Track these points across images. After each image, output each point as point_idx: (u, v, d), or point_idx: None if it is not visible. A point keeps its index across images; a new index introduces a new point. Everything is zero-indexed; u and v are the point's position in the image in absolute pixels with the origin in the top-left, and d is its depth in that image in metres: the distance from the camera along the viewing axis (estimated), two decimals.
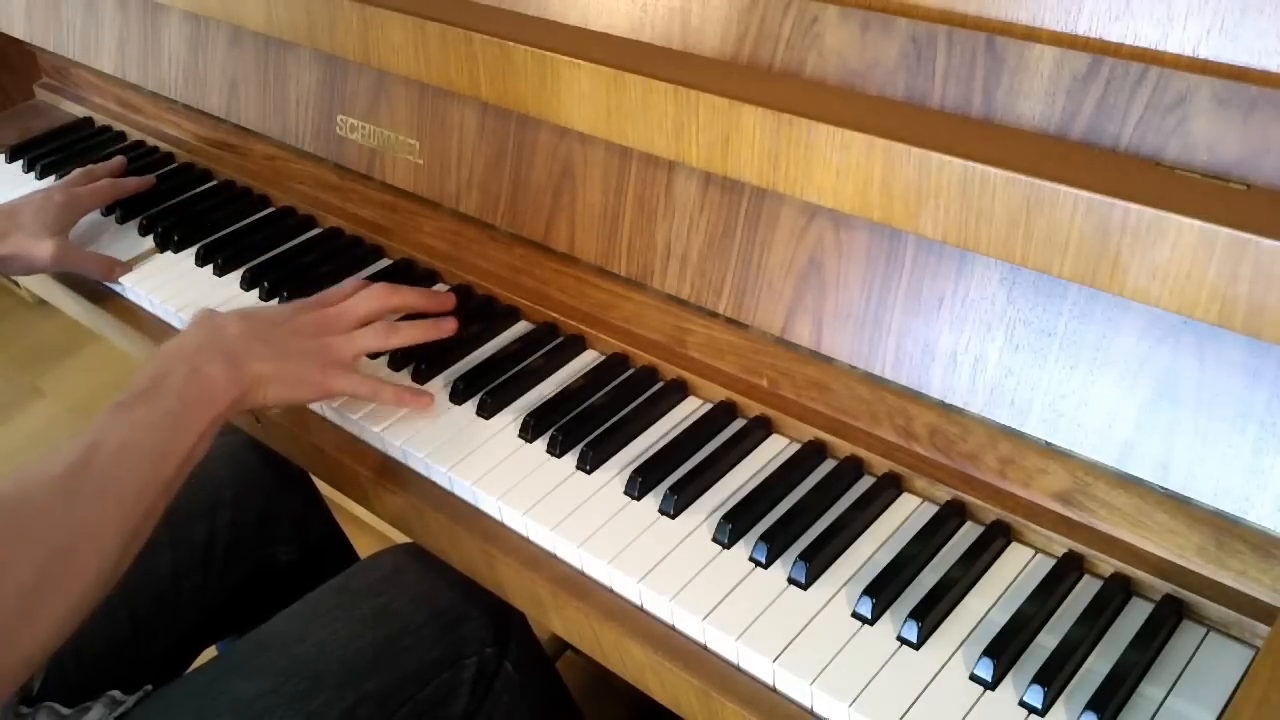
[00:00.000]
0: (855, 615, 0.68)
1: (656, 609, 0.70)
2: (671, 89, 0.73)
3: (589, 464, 0.79)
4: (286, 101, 1.11)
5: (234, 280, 1.04)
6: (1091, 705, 0.60)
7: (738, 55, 0.77)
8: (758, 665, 0.66)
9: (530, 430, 0.82)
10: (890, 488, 0.76)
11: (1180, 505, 0.66)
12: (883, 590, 0.68)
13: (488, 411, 0.85)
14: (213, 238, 1.10)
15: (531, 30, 0.83)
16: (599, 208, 0.88)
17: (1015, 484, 0.72)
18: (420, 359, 0.89)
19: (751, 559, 0.72)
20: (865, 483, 0.77)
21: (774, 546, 0.71)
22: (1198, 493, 0.64)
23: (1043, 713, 0.61)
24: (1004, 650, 0.64)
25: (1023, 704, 0.62)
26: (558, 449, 0.81)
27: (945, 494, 0.74)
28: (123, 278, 1.06)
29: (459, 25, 0.84)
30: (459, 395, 0.87)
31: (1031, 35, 0.65)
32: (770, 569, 0.71)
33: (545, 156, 0.90)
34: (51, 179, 1.24)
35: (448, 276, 1.02)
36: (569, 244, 0.91)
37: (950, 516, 0.73)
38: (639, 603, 0.71)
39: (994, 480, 0.73)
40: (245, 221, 1.13)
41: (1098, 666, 0.63)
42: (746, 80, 0.74)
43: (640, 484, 0.77)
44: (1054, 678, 0.62)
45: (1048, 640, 0.65)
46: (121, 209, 1.16)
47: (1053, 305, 0.67)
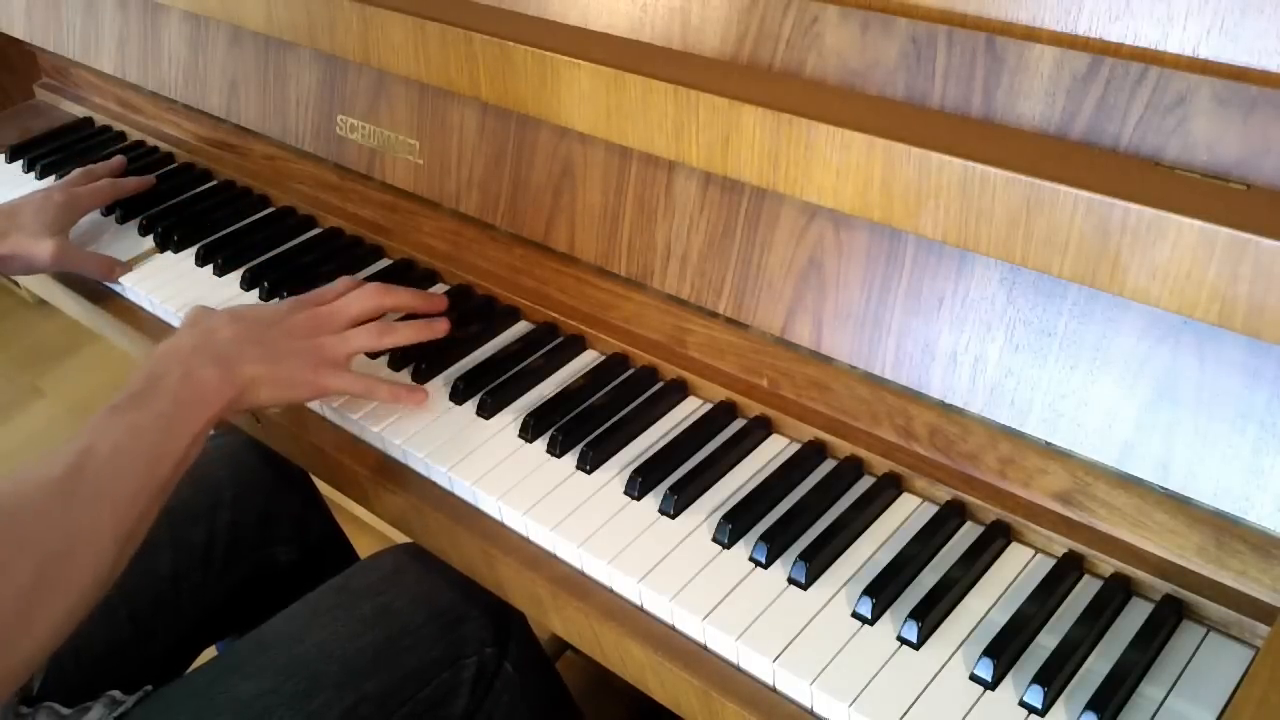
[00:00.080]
0: (855, 615, 0.68)
1: (656, 609, 0.70)
2: (671, 89, 0.73)
3: (589, 464, 0.79)
4: (286, 101, 1.11)
5: (234, 280, 1.04)
6: (1091, 705, 0.60)
7: (738, 55, 0.77)
8: (758, 665, 0.66)
9: (530, 430, 0.82)
10: (890, 488, 0.76)
11: (1180, 505, 0.66)
12: (883, 590, 0.68)
13: (488, 411, 0.85)
14: (213, 238, 1.10)
15: (531, 30, 0.83)
16: (599, 208, 0.88)
17: (1015, 484, 0.72)
18: (420, 359, 0.89)
19: (751, 559, 0.72)
20: (865, 483, 0.77)
21: (774, 546, 0.71)
22: (1198, 493, 0.64)
23: (1043, 713, 0.61)
24: (1004, 650, 0.64)
25: (1023, 704, 0.62)
26: (558, 449, 0.81)
27: (945, 494, 0.74)
28: (123, 278, 1.06)
29: (459, 25, 0.84)
30: (459, 395, 0.87)
31: (1031, 35, 0.65)
32: (770, 569, 0.71)
33: (545, 156, 0.90)
34: (51, 179, 1.24)
35: (448, 276, 1.02)
36: (569, 244, 0.91)
37: (950, 516, 0.73)
38: (639, 603, 0.71)
39: (994, 480, 0.73)
40: (245, 221, 1.13)
41: (1098, 666, 0.63)
42: (746, 80, 0.74)
43: (640, 484, 0.77)
44: (1054, 678, 0.62)
45: (1048, 640, 0.65)
46: (121, 209, 1.16)
47: (1053, 305, 0.67)
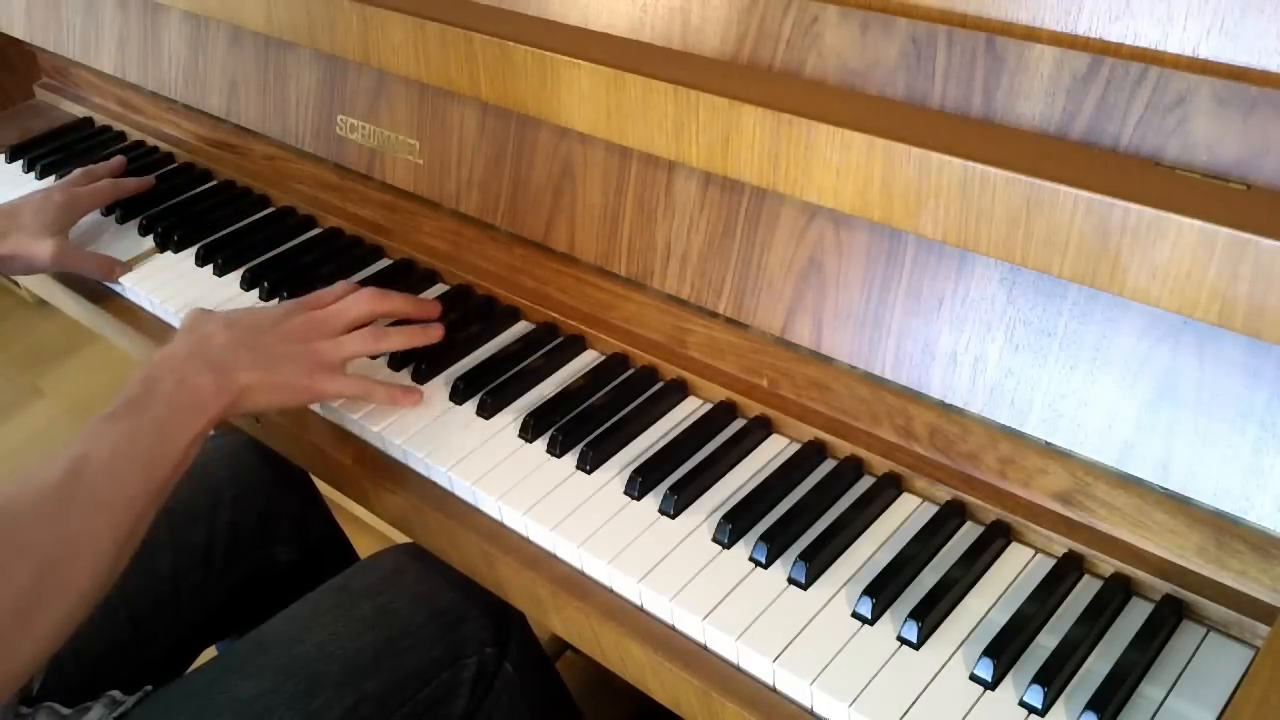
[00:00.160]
0: (855, 615, 0.68)
1: (656, 609, 0.70)
2: (671, 89, 0.73)
3: (589, 464, 0.79)
4: (286, 101, 1.11)
5: (234, 280, 1.04)
6: (1091, 705, 0.60)
7: (738, 55, 0.77)
8: (758, 665, 0.66)
9: (530, 430, 0.82)
10: (890, 488, 0.76)
11: (1180, 505, 0.66)
12: (883, 590, 0.68)
13: (488, 411, 0.85)
14: (213, 238, 1.10)
15: (531, 30, 0.83)
16: (599, 208, 0.88)
17: (1015, 484, 0.72)
18: (420, 359, 0.89)
19: (751, 559, 0.72)
20: (865, 483, 0.77)
21: (774, 546, 0.71)
22: (1198, 493, 0.64)
23: (1043, 713, 0.61)
24: (1004, 650, 0.64)
25: (1023, 704, 0.62)
26: (558, 449, 0.81)
27: (945, 494, 0.74)
28: (123, 278, 1.06)
29: (459, 25, 0.84)
30: (459, 395, 0.87)
31: (1031, 35, 0.65)
32: (770, 569, 0.71)
33: (545, 156, 0.90)
34: (51, 179, 1.24)
35: (448, 276, 1.02)
36: (569, 244, 0.91)
37: (950, 516, 0.73)
38: (639, 603, 0.71)
39: (994, 480, 0.73)
40: (245, 221, 1.13)
41: (1098, 666, 0.63)
42: (746, 80, 0.74)
43: (640, 484, 0.77)
44: (1054, 678, 0.62)
45: (1048, 640, 0.65)
46: (121, 209, 1.16)
47: (1053, 305, 0.67)
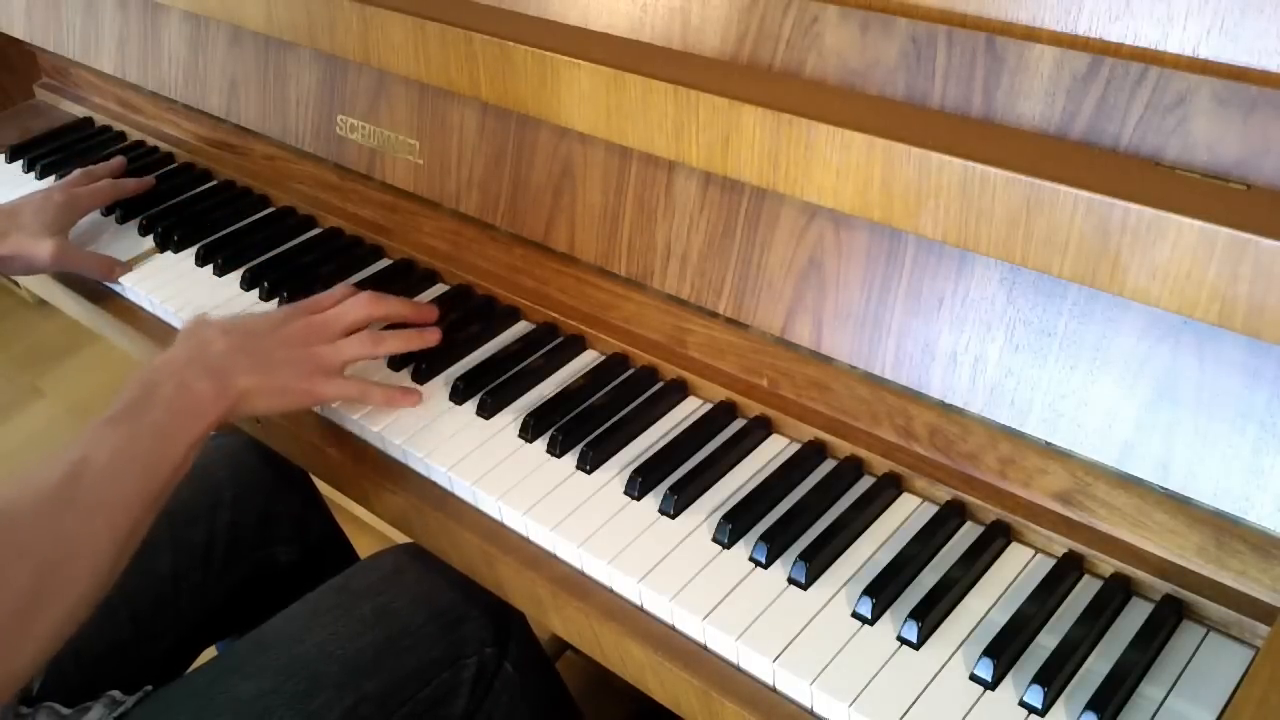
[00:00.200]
0: (855, 615, 0.68)
1: (656, 609, 0.70)
2: (671, 89, 0.73)
3: (589, 464, 0.79)
4: (286, 101, 1.11)
5: (234, 280, 1.04)
6: (1091, 705, 0.60)
7: (738, 55, 0.77)
8: (758, 665, 0.66)
9: (530, 430, 0.82)
10: (890, 488, 0.76)
11: (1180, 505, 0.66)
12: (883, 590, 0.68)
13: (488, 411, 0.85)
14: (213, 238, 1.10)
15: (531, 30, 0.83)
16: (599, 208, 0.88)
17: (1015, 484, 0.72)
18: (420, 359, 0.89)
19: (751, 559, 0.72)
20: (865, 483, 0.77)
21: (774, 546, 0.71)
22: (1198, 493, 0.64)
23: (1043, 713, 0.61)
24: (1004, 650, 0.64)
25: (1023, 704, 0.62)
26: (558, 449, 0.81)
27: (945, 494, 0.74)
28: (123, 278, 1.06)
29: (459, 25, 0.84)
30: (459, 395, 0.87)
31: (1031, 35, 0.65)
32: (770, 569, 0.71)
33: (545, 156, 0.90)
34: (51, 179, 1.24)
35: (448, 276, 1.02)
36: (569, 244, 0.91)
37: (950, 516, 0.73)
38: (639, 603, 0.71)
39: (994, 480, 0.73)
40: (245, 221, 1.13)
41: (1098, 666, 0.63)
42: (746, 80, 0.74)
43: (640, 484, 0.77)
44: (1054, 678, 0.62)
45: (1048, 640, 0.65)
46: (121, 209, 1.16)
47: (1053, 305, 0.67)
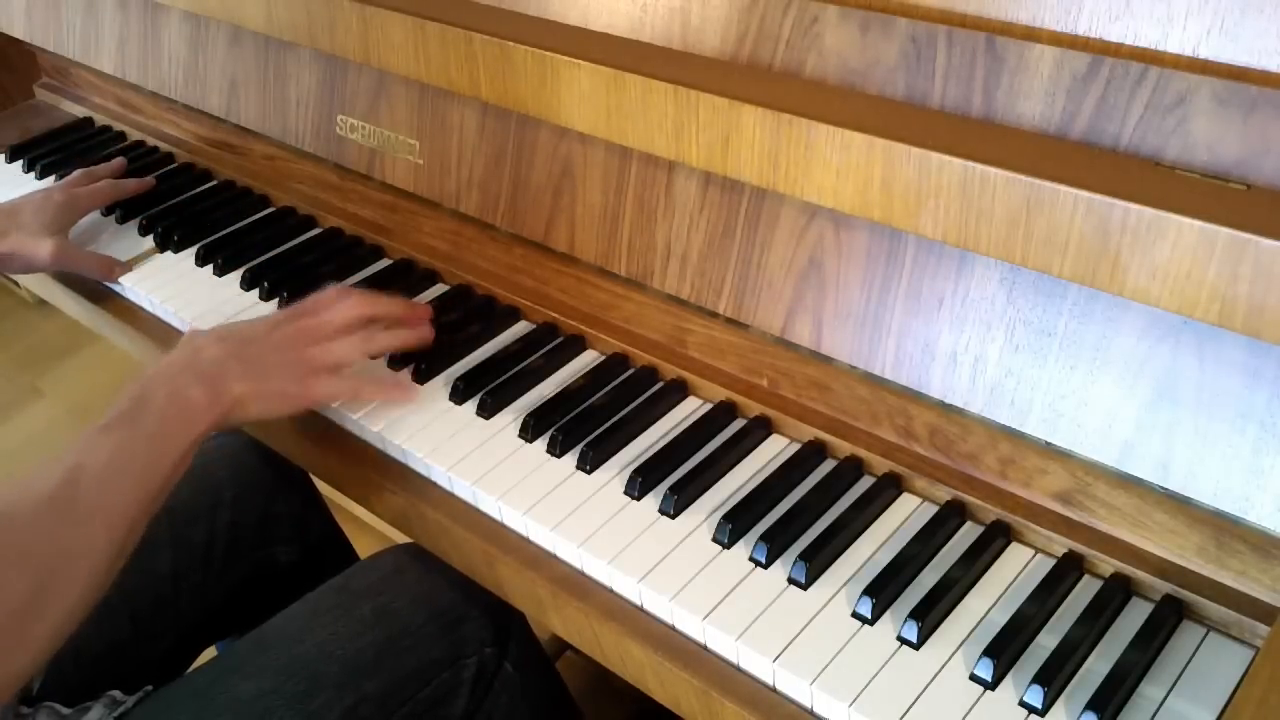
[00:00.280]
0: (855, 615, 0.68)
1: (656, 609, 0.70)
2: (671, 89, 0.73)
3: (589, 464, 0.79)
4: (286, 101, 1.11)
5: (234, 280, 1.04)
6: (1091, 705, 0.60)
7: (738, 55, 0.77)
8: (758, 665, 0.66)
9: (530, 430, 0.82)
10: (890, 488, 0.76)
11: (1180, 505, 0.66)
12: (883, 590, 0.68)
13: (488, 411, 0.85)
14: (213, 238, 1.10)
15: (531, 30, 0.83)
16: (599, 208, 0.88)
17: (1015, 484, 0.72)
18: (420, 359, 0.89)
19: (751, 559, 0.72)
20: (865, 483, 0.77)
21: (774, 546, 0.71)
22: (1198, 493, 0.64)
23: (1043, 713, 0.61)
24: (1004, 650, 0.64)
25: (1023, 704, 0.62)
26: (558, 449, 0.81)
27: (945, 494, 0.74)
28: (123, 278, 1.06)
29: (459, 25, 0.84)
30: (459, 395, 0.87)
31: (1031, 35, 0.65)
32: (770, 569, 0.71)
33: (545, 156, 0.90)
34: (51, 179, 1.24)
35: (448, 276, 1.02)
36: (569, 244, 0.91)
37: (950, 516, 0.73)
38: (639, 603, 0.71)
39: (994, 480, 0.73)
40: (245, 221, 1.13)
41: (1098, 666, 0.63)
42: (746, 80, 0.74)
43: (640, 484, 0.77)
44: (1054, 678, 0.62)
45: (1048, 640, 0.65)
46: (121, 209, 1.16)
47: (1053, 305, 0.67)
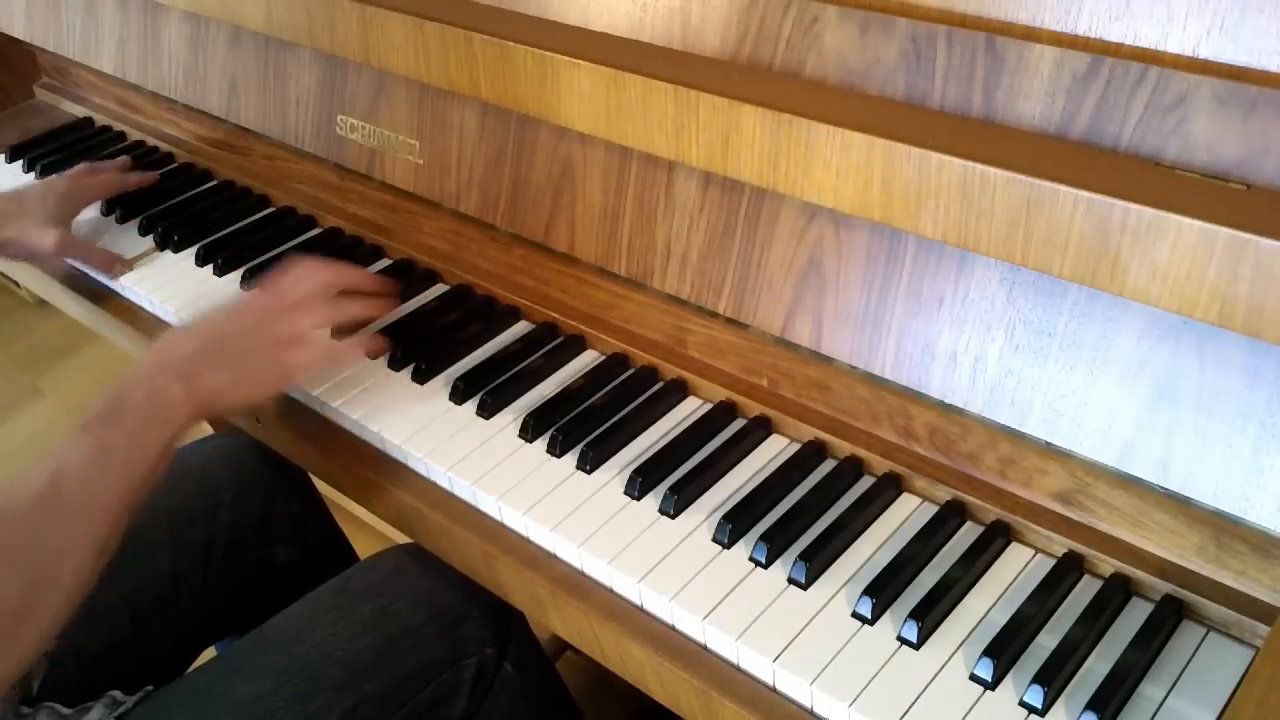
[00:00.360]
0: (855, 615, 0.68)
1: (656, 609, 0.70)
2: (671, 89, 0.73)
3: (589, 464, 0.79)
4: (286, 101, 1.11)
5: (234, 280, 1.04)
6: (1091, 705, 0.60)
7: (738, 55, 0.77)
8: (758, 665, 0.66)
9: (530, 430, 0.82)
10: (890, 488, 0.76)
11: (1180, 505, 0.66)
12: (883, 590, 0.68)
13: (488, 411, 0.85)
14: (213, 238, 1.10)
15: (531, 30, 0.83)
16: (599, 208, 0.88)
17: (1015, 484, 0.72)
18: (420, 359, 0.89)
19: (751, 559, 0.72)
20: (865, 483, 0.77)
21: (774, 546, 0.71)
22: (1198, 493, 0.64)
23: (1043, 713, 0.61)
24: (1004, 650, 0.64)
25: (1023, 704, 0.62)
26: (558, 449, 0.81)
27: (945, 494, 0.74)
28: (123, 277, 1.06)
29: (459, 25, 0.85)
30: (459, 395, 0.87)
31: (1031, 35, 0.65)
32: (770, 569, 0.71)
33: (545, 156, 0.90)
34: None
35: (448, 276, 1.02)
36: (569, 244, 0.91)
37: (950, 516, 0.73)
38: (639, 603, 0.71)
39: (994, 480, 0.73)
40: (245, 221, 1.13)
41: (1098, 666, 0.63)
42: (746, 80, 0.74)
43: (640, 484, 0.77)
44: (1054, 678, 0.62)
45: (1048, 640, 0.65)
46: (122, 209, 1.16)
47: (1053, 305, 0.67)
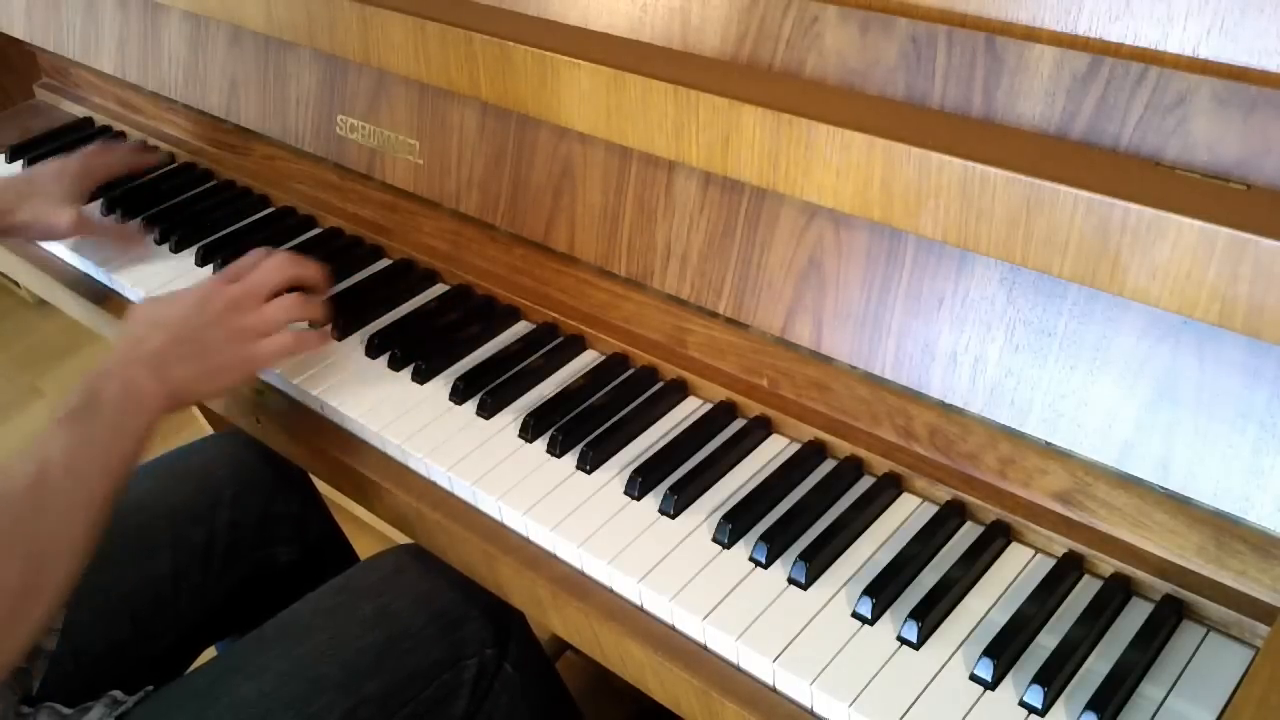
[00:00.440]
0: (855, 615, 0.68)
1: (656, 609, 0.70)
2: (671, 89, 0.73)
3: (589, 464, 0.79)
4: (286, 101, 1.11)
5: None
6: (1091, 705, 0.60)
7: (738, 55, 0.77)
8: (758, 665, 0.66)
9: (530, 430, 0.82)
10: (890, 488, 0.76)
11: (1180, 505, 0.66)
12: (883, 590, 0.68)
13: (488, 411, 0.85)
14: (213, 238, 1.10)
15: (531, 30, 0.83)
16: (599, 208, 0.88)
17: (1015, 484, 0.72)
18: (420, 359, 0.89)
19: (751, 559, 0.72)
20: (865, 483, 0.77)
21: (774, 546, 0.71)
22: (1198, 493, 0.64)
23: (1043, 713, 0.61)
24: (1004, 650, 0.64)
25: (1023, 704, 0.62)
26: (558, 449, 0.81)
27: (945, 494, 0.74)
28: (123, 278, 1.06)
29: (459, 25, 0.84)
30: (459, 395, 0.87)
31: (1031, 35, 0.65)
32: (770, 569, 0.71)
33: (545, 156, 0.90)
34: None
35: (448, 276, 1.02)
36: (569, 244, 0.91)
37: (950, 516, 0.73)
38: (639, 603, 0.71)
39: (994, 480, 0.73)
40: (245, 221, 1.13)
41: (1098, 666, 0.64)
42: (746, 80, 0.74)
43: (640, 484, 0.77)
44: (1054, 678, 0.62)
45: (1048, 640, 0.65)
46: (121, 208, 1.16)
47: (1053, 305, 0.67)
